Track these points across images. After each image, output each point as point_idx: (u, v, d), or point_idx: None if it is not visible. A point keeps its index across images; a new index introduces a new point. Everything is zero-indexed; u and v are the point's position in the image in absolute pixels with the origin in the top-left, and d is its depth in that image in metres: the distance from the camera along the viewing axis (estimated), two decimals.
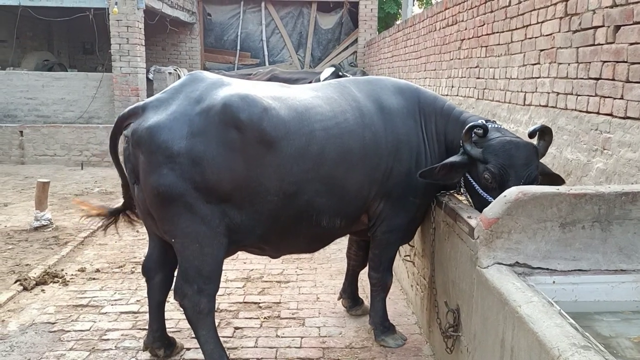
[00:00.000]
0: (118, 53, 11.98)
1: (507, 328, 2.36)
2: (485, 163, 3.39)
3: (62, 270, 5.56)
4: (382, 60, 13.34)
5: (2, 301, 4.73)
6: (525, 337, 2.14)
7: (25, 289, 5.04)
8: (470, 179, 3.51)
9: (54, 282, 5.25)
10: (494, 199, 2.89)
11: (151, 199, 3.30)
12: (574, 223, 2.71)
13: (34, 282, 5.14)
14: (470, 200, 3.60)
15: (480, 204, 3.29)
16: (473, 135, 3.49)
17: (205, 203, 3.26)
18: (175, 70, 13.99)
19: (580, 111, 4.01)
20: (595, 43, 3.80)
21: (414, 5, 17.50)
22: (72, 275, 5.46)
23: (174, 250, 3.46)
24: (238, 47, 17.17)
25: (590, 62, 3.87)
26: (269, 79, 10.02)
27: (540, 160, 3.51)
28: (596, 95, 3.80)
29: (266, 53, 17.25)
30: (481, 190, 3.40)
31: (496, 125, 3.62)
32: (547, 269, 2.70)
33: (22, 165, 11.81)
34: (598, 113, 3.79)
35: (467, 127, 3.48)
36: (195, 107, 3.29)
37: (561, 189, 2.74)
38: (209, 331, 3.51)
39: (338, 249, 5.92)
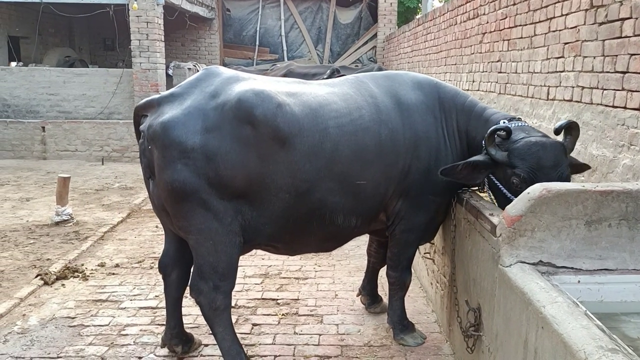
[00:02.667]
0: (138, 49, 12.05)
1: (530, 329, 2.30)
2: (512, 167, 3.25)
3: (82, 265, 5.60)
4: (401, 55, 13.23)
5: (23, 295, 4.78)
6: (550, 339, 2.08)
7: (46, 283, 5.09)
8: (495, 180, 3.37)
9: (74, 277, 5.30)
10: None
11: (165, 194, 3.28)
12: (600, 221, 2.63)
13: (55, 277, 5.19)
14: (494, 200, 3.47)
15: (505, 205, 3.17)
16: (496, 137, 3.36)
17: (219, 199, 3.24)
18: (194, 65, 14.02)
19: (607, 106, 3.91)
20: (622, 35, 3.69)
21: None
22: (92, 270, 5.50)
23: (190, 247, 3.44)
24: (257, 43, 17.17)
25: (616, 55, 3.77)
26: (285, 74, 9.96)
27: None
28: (623, 89, 3.70)
29: (285, 48, 17.22)
30: (508, 193, 3.26)
31: (520, 124, 3.47)
32: (572, 268, 2.63)
33: (44, 160, 11.96)
34: (625, 107, 3.68)
35: (489, 131, 3.34)
36: (210, 102, 3.26)
37: (587, 185, 2.66)
38: (226, 328, 3.49)
39: (357, 246, 5.87)
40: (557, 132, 3.38)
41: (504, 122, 3.46)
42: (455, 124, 3.77)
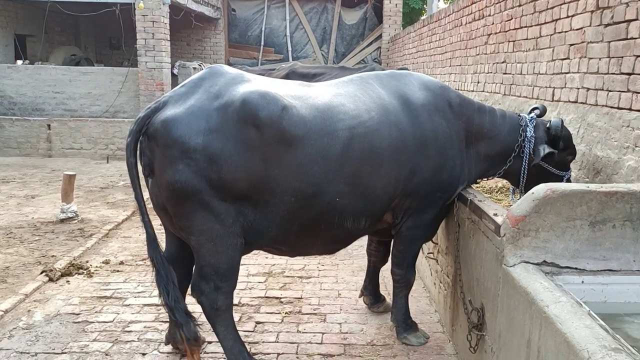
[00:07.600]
0: (144, 48, 12.08)
1: (533, 328, 2.30)
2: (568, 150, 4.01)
3: (87, 262, 5.63)
4: (406, 56, 13.23)
5: (28, 291, 4.80)
6: (553, 338, 2.08)
7: (50, 280, 5.11)
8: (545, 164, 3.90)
9: (79, 274, 5.32)
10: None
11: (166, 194, 3.25)
12: (604, 222, 2.64)
13: (60, 274, 5.21)
14: (522, 186, 3.97)
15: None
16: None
17: (221, 201, 3.19)
18: (199, 65, 14.04)
19: (612, 107, 3.91)
20: (628, 37, 3.69)
21: (439, 0, 17.32)
22: (96, 267, 5.53)
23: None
24: (262, 43, 17.19)
25: (622, 57, 3.76)
26: (288, 74, 9.95)
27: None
28: (628, 90, 3.70)
29: (290, 48, 17.24)
30: (560, 172, 3.90)
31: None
32: (576, 268, 2.64)
33: (49, 158, 12.01)
34: (630, 109, 3.68)
35: (561, 123, 3.89)
36: (214, 102, 3.20)
37: (591, 186, 2.67)
38: (227, 327, 3.49)
39: (360, 245, 5.85)
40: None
41: (529, 116, 3.98)
42: (466, 124, 3.83)
